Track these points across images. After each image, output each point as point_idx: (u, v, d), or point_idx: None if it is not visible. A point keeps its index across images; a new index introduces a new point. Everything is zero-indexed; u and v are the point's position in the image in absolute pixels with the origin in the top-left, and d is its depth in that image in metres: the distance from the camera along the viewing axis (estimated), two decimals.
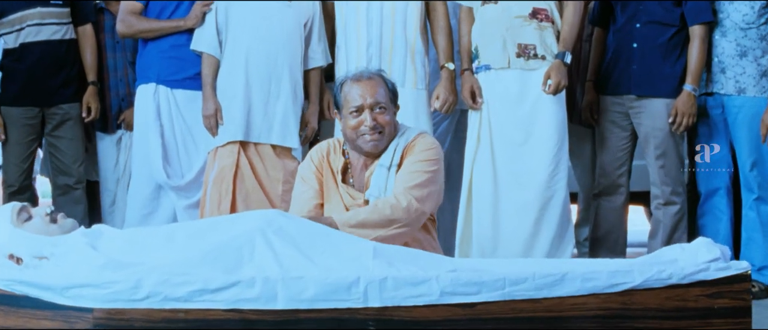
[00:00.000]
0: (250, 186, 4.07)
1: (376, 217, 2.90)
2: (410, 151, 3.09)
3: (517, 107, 4.08)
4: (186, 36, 4.19)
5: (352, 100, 3.08)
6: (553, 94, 4.01)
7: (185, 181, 4.23)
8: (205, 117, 4.12)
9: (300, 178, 3.28)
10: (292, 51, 4.14)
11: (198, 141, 4.24)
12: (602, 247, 4.44)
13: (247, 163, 4.09)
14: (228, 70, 4.14)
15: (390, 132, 3.12)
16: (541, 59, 4.08)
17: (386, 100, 3.11)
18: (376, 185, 3.07)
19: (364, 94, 3.07)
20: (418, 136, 3.13)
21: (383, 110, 3.09)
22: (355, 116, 3.07)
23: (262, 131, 4.12)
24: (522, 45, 4.07)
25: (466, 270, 2.54)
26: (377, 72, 3.16)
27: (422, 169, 3.05)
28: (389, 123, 3.11)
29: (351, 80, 3.11)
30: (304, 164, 3.30)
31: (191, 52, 4.20)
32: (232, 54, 4.12)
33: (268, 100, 4.12)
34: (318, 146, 3.31)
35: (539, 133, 4.07)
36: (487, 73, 4.14)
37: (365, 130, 3.05)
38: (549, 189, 4.06)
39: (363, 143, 3.06)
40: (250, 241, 2.58)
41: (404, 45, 4.13)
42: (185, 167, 4.25)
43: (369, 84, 3.09)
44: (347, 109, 3.08)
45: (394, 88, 3.20)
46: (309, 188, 3.18)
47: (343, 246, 2.59)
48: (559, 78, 3.99)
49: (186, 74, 4.25)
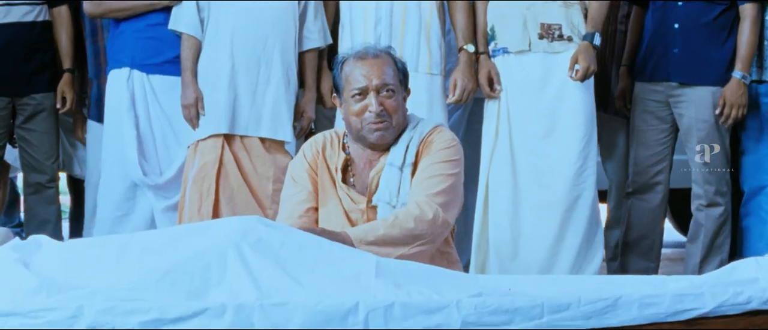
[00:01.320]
0: (236, 185, 3.76)
1: (398, 233, 2.56)
2: (427, 148, 2.76)
3: (539, 95, 3.79)
4: (164, 14, 3.89)
5: (354, 81, 2.73)
6: (580, 80, 3.70)
7: (164, 179, 3.93)
8: (185, 106, 3.80)
9: (290, 178, 2.89)
10: (284, 30, 3.82)
11: (179, 133, 3.94)
12: (634, 252, 4.19)
13: (233, 159, 3.77)
14: (211, 53, 3.82)
15: (399, 121, 2.77)
16: (566, 41, 3.78)
17: (395, 82, 2.76)
18: (385, 188, 2.73)
19: (369, 74, 2.72)
20: (434, 130, 2.80)
21: (391, 94, 2.74)
22: (358, 100, 2.73)
23: (249, 123, 3.80)
24: (545, 25, 3.76)
25: (493, 293, 2.02)
26: (385, 49, 2.81)
27: (444, 171, 2.72)
28: (398, 109, 2.76)
29: (354, 58, 2.76)
30: (295, 161, 2.91)
31: (170, 32, 3.91)
32: (216, 34, 3.81)
33: (256, 86, 3.80)
34: (312, 139, 2.92)
35: (564, 124, 3.79)
36: (505, 57, 3.85)
37: (370, 117, 2.71)
38: (576, 188, 3.78)
39: (367, 133, 2.73)
40: (220, 257, 2.08)
41: (418, 23, 3.81)
42: (164, 163, 3.96)
43: (375, 63, 2.74)
44: (349, 91, 2.74)
45: (405, 68, 2.84)
46: (300, 190, 2.82)
47: (339, 262, 2.08)
48: (587, 62, 3.67)
49: (164, 57, 3.94)
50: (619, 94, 4.27)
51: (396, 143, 2.79)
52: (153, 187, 3.92)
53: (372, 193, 2.76)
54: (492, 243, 3.85)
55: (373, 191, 2.76)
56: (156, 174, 3.94)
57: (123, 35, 3.98)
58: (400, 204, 2.71)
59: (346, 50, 2.89)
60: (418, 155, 2.76)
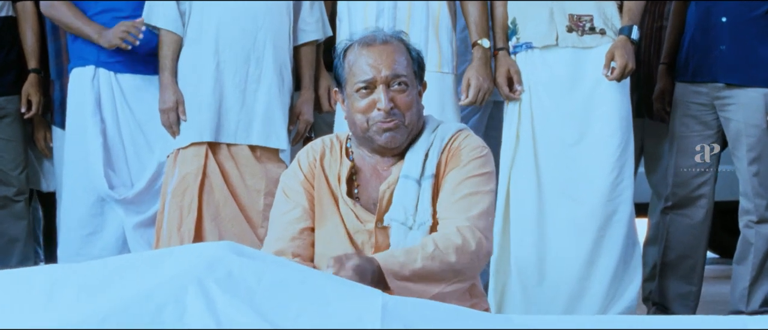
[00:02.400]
0: (222, 200, 3.48)
1: (438, 267, 2.21)
2: (454, 157, 2.41)
3: (567, 96, 3.55)
4: (134, 5, 3.64)
5: (359, 72, 2.40)
6: (616, 79, 3.44)
7: (134, 192, 3.66)
8: (163, 111, 3.51)
9: (281, 193, 2.50)
10: (276, 22, 3.55)
11: (151, 139, 3.68)
12: (674, 275, 3.92)
13: (218, 169, 3.49)
14: (193, 50, 3.54)
15: (412, 120, 2.41)
16: (599, 34, 3.53)
17: (408, 74, 2.42)
18: (399, 205, 2.38)
19: (377, 63, 2.38)
20: (458, 134, 2.46)
21: (404, 87, 2.40)
22: (363, 95, 2.39)
23: (237, 128, 3.53)
24: (575, 16, 3.52)
25: None
26: (396, 34, 2.47)
27: (481, 188, 2.38)
28: (411, 106, 2.40)
29: (359, 45, 2.42)
30: (288, 172, 2.52)
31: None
32: (198, 28, 3.53)
33: (245, 86, 3.52)
34: (309, 146, 2.54)
35: (597, 130, 3.53)
36: (528, 53, 3.59)
37: (378, 115, 2.37)
38: (611, 202, 3.52)
39: (375, 134, 2.39)
40: (177, 297, 1.62)
41: (426, 15, 3.56)
42: (135, 174, 3.70)
43: (384, 50, 2.40)
44: (353, 85, 2.41)
45: (420, 57, 2.48)
46: (293, 207, 2.45)
47: (334, 304, 1.63)
48: (624, 59, 3.41)
49: (134, 55, 3.66)
50: (657, 95, 4.04)
51: (411, 149, 2.44)
52: (122, 202, 3.66)
53: (383, 210, 2.39)
54: (514, 265, 3.60)
55: (383, 209, 2.39)
56: (126, 186, 3.70)
57: None
58: (417, 224, 2.37)
59: (349, 37, 2.55)
60: (441, 165, 2.41)
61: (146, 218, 3.67)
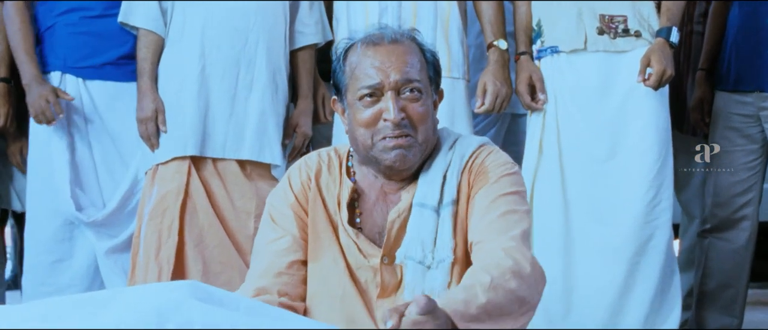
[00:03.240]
0: (207, 223, 3.24)
1: (502, 297, 1.89)
2: (481, 176, 2.14)
3: (598, 106, 3.36)
4: (105, 3, 3.40)
5: (363, 77, 2.12)
6: (654, 87, 3.26)
7: (105, 213, 3.40)
8: (141, 121, 3.28)
9: (267, 218, 2.20)
10: (270, 21, 3.34)
11: (124, 154, 3.44)
12: (713, 305, 3.77)
13: (202, 188, 3.26)
14: (175, 53, 3.32)
15: (427, 135, 2.14)
16: (633, 37, 3.35)
17: (422, 79, 2.14)
18: (415, 239, 2.10)
19: (384, 65, 2.10)
20: (480, 150, 2.19)
21: (417, 95, 2.12)
22: (368, 104, 2.11)
23: (226, 142, 3.31)
24: (606, 17, 3.35)
25: None
26: (408, 32, 2.19)
27: (519, 206, 2.10)
28: (426, 118, 2.13)
29: (364, 44, 2.14)
30: (276, 192, 2.22)
31: (113, 26, 3.41)
32: (182, 28, 3.32)
33: (235, 94, 3.31)
34: (302, 162, 2.23)
35: (632, 144, 3.35)
36: (554, 57, 3.41)
37: (386, 129, 2.10)
38: (647, 226, 3.34)
39: (381, 152, 2.12)
40: None
41: (433, 15, 3.38)
42: (107, 193, 3.45)
43: (394, 50, 2.12)
44: (355, 92, 2.13)
45: (436, 60, 2.20)
46: (281, 235, 2.16)
47: None
48: (663, 65, 3.23)
49: (105, 58, 3.42)
50: (694, 104, 3.85)
51: (426, 171, 2.15)
52: (92, 225, 3.41)
53: (390, 243, 2.12)
54: None
55: (391, 241, 2.11)
56: (96, 207, 3.45)
57: (52, 31, 3.48)
58: (436, 262, 2.10)
59: (349, 35, 2.28)
60: (464, 188, 2.14)
61: (120, 242, 3.44)
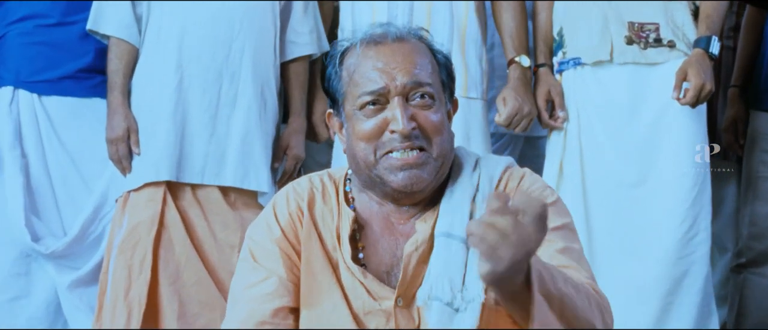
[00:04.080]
0: (184, 257, 3.02)
1: (582, 309, 1.68)
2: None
3: (627, 126, 3.19)
4: (63, 9, 3.19)
5: (364, 81, 1.87)
6: (691, 104, 3.06)
7: (66, 242, 3.19)
8: (111, 141, 3.04)
9: (247, 255, 1.90)
10: (258, 28, 3.12)
11: (87, 176, 3.23)
12: None
13: (179, 218, 3.03)
14: (150, 64, 3.10)
15: (443, 150, 1.87)
16: (667, 47, 3.15)
17: (435, 84, 1.89)
18: (443, 277, 1.80)
19: (389, 66, 1.86)
20: (509, 171, 1.96)
21: (429, 102, 1.87)
22: (370, 113, 1.86)
23: (206, 166, 3.08)
24: (636, 25, 3.15)
25: None
26: (415, 31, 1.95)
27: (573, 244, 1.86)
28: (441, 129, 1.88)
29: (364, 44, 1.90)
30: (259, 224, 1.94)
31: (74, 36, 3.22)
32: (158, 36, 3.11)
33: (216, 112, 3.08)
34: (290, 188, 1.97)
35: (665, 168, 3.16)
36: (577, 70, 3.23)
37: (393, 142, 1.84)
38: (682, 261, 3.16)
39: (387, 171, 1.85)
40: None
41: (449, 27, 3.18)
42: (67, 220, 3.24)
43: (400, 49, 1.88)
44: (355, 99, 1.88)
45: (449, 63, 1.95)
46: (265, 277, 1.85)
47: None
48: (701, 79, 3.02)
49: (64, 71, 3.21)
50: (727, 124, 3.67)
51: (450, 195, 1.89)
52: (51, 256, 3.20)
53: (407, 282, 1.83)
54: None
55: (408, 279, 1.82)
56: (56, 236, 3.24)
57: (4, 42, 3.31)
58: (466, 303, 1.82)
59: (348, 35, 2.01)
60: None
61: (84, 275, 3.23)
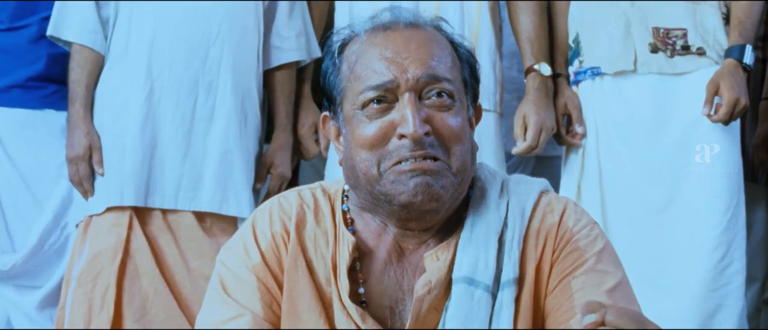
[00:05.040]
0: (152, 290, 2.73)
1: None
2: (569, 252, 1.54)
3: (652, 143, 2.96)
4: (12, 7, 2.96)
5: (368, 73, 1.54)
6: (724, 121, 2.86)
7: (23, 256, 2.94)
8: (71, 160, 2.77)
9: (217, 285, 1.58)
10: (238, 34, 2.86)
11: (38, 195, 2.98)
12: None
13: (147, 246, 2.74)
14: (117, 73, 2.84)
15: (464, 163, 1.53)
16: (696, 55, 2.92)
17: (455, 80, 1.56)
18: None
19: (400, 56, 1.52)
20: (543, 202, 1.62)
21: (448, 102, 1.54)
22: (374, 113, 1.53)
23: (179, 188, 2.81)
24: (661, 30, 2.92)
25: None
26: (431, 21, 1.62)
27: (634, 300, 1.57)
28: (461, 137, 1.53)
29: (369, 32, 1.58)
30: (233, 248, 1.62)
31: (23, 41, 2.98)
32: (126, 42, 2.85)
33: (191, 126, 2.81)
34: (274, 204, 1.64)
35: (695, 190, 2.93)
36: (595, 81, 2.99)
37: (402, 150, 1.50)
38: (715, 293, 2.92)
39: (393, 186, 1.51)
40: None
41: (460, 28, 2.95)
42: (17, 239, 3.00)
43: (414, 37, 1.55)
44: (356, 97, 1.55)
45: (472, 59, 1.62)
46: (239, 314, 1.53)
47: None
48: (735, 92, 2.83)
49: (12, 80, 2.98)
50: (758, 141, 3.43)
51: (471, 227, 1.56)
52: (7, 276, 2.98)
53: (417, 324, 1.55)
54: None
55: (420, 322, 1.54)
56: (5, 253, 3.00)
57: None
58: None
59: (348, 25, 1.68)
60: (529, 254, 1.57)
61: (52, 291, 2.98)
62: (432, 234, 1.55)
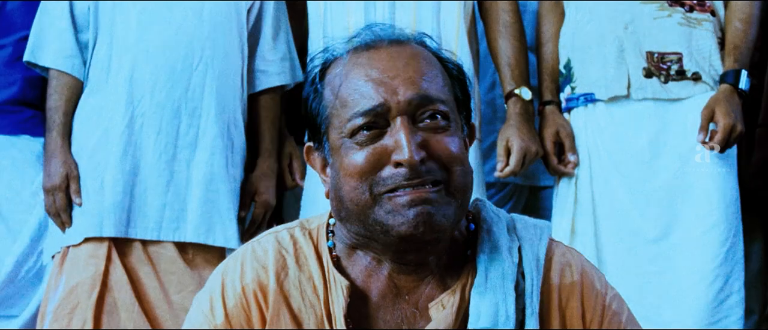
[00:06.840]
0: (131, 324, 2.63)
1: None
2: (586, 300, 1.49)
3: (646, 171, 2.90)
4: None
5: (356, 98, 1.43)
6: (719, 148, 2.80)
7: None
8: (48, 190, 2.67)
9: None
10: (222, 58, 2.76)
11: (10, 221, 2.85)
12: None
13: (126, 279, 2.62)
14: (97, 101, 2.74)
15: (465, 186, 1.43)
16: (691, 80, 2.87)
17: (449, 100, 1.47)
18: None
19: (388, 76, 1.42)
20: (556, 254, 1.54)
21: (443, 123, 1.44)
22: (364, 141, 1.42)
23: (162, 219, 2.71)
24: (655, 55, 2.85)
25: None
26: (417, 37, 1.52)
27: None
28: (460, 159, 1.42)
29: (353, 52, 1.47)
30: (202, 298, 1.52)
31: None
32: (106, 67, 2.74)
33: (174, 154, 2.72)
34: (246, 252, 1.52)
35: (692, 220, 2.87)
36: (588, 108, 2.94)
37: (396, 177, 1.39)
38: (714, 326, 2.89)
39: (389, 216, 1.40)
40: None
41: (436, 33, 2.88)
42: None
43: (401, 55, 1.45)
44: (343, 125, 1.44)
45: (463, 76, 1.52)
46: None
47: None
48: (731, 118, 2.78)
49: None
50: (756, 169, 3.34)
51: (482, 276, 1.46)
52: None
53: None
54: None
55: None
56: None
57: None
58: None
59: (327, 45, 1.56)
60: (550, 311, 1.48)
61: (30, 319, 2.86)
62: (430, 269, 1.45)
